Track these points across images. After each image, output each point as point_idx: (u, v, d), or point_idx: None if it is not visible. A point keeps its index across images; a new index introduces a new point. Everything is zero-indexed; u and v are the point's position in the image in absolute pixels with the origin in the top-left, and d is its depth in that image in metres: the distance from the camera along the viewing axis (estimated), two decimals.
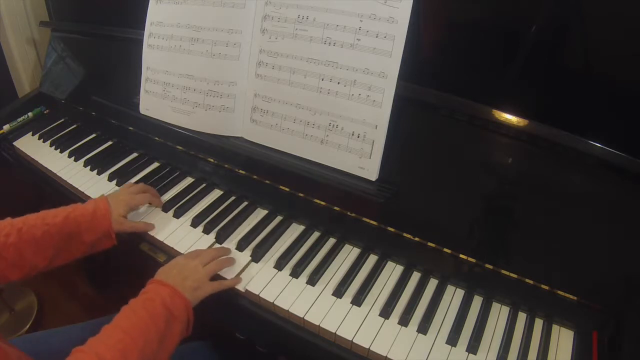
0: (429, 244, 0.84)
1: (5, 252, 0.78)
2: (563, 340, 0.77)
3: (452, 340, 0.75)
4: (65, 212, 0.85)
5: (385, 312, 0.79)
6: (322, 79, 0.87)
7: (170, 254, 0.92)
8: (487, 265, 0.80)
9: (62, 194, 1.12)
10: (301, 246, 0.91)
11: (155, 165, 1.16)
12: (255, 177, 0.99)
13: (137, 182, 1.07)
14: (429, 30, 0.84)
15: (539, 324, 0.79)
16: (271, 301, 0.80)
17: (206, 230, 0.94)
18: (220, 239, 0.93)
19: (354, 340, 0.74)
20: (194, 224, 0.96)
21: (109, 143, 1.25)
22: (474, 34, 0.81)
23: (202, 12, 0.98)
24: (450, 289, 0.85)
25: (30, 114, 1.35)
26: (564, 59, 0.77)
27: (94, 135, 1.28)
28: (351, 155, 0.87)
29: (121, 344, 0.63)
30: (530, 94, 0.80)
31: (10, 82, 1.63)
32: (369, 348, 0.73)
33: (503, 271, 0.79)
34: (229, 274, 0.85)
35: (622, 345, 0.70)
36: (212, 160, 1.05)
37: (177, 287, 0.74)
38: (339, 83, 0.86)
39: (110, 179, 1.11)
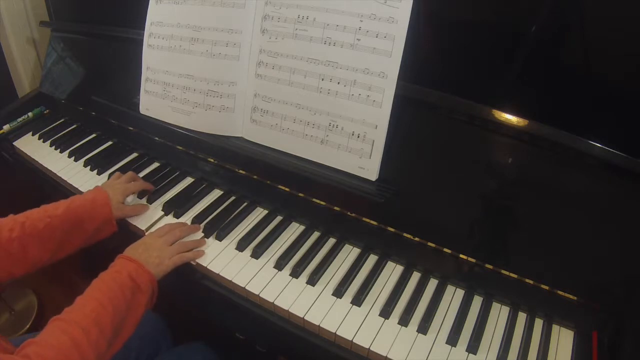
0: (429, 244, 0.84)
1: (9, 247, 0.80)
2: (563, 340, 0.77)
3: (452, 340, 0.75)
4: (65, 203, 0.88)
5: (385, 312, 0.79)
6: (322, 79, 0.87)
7: None
8: (487, 265, 0.80)
9: (62, 193, 1.12)
10: (301, 246, 0.91)
11: (155, 165, 1.16)
12: (255, 177, 0.99)
13: None
14: (429, 30, 0.84)
15: (539, 324, 0.79)
16: (271, 301, 0.80)
17: (206, 231, 0.94)
18: (220, 238, 0.93)
19: (354, 340, 0.74)
20: (194, 224, 0.96)
21: (109, 143, 1.25)
22: (474, 34, 0.81)
23: (202, 12, 0.98)
24: (450, 289, 0.85)
25: (30, 114, 1.35)
26: (564, 59, 0.77)
27: (94, 135, 1.28)
28: (351, 155, 0.87)
29: (94, 313, 0.69)
30: (530, 94, 0.80)
31: (10, 82, 1.63)
32: (369, 348, 0.73)
33: (503, 271, 0.79)
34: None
35: (622, 345, 0.70)
36: (212, 160, 1.05)
37: (142, 262, 0.80)
38: (339, 83, 0.86)
39: None
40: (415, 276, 0.87)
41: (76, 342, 0.65)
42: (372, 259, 0.90)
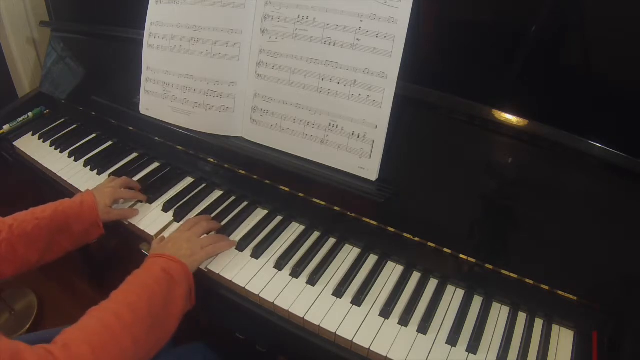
0: (429, 244, 0.84)
1: None
2: (563, 340, 0.77)
3: (452, 340, 0.75)
4: (53, 206, 0.89)
5: (385, 312, 0.79)
6: (322, 79, 0.87)
7: None
8: (487, 265, 0.80)
9: (62, 194, 1.12)
10: (301, 246, 0.91)
11: (155, 165, 1.16)
12: (255, 177, 0.99)
13: (137, 181, 1.07)
14: (429, 30, 0.84)
15: (539, 324, 0.79)
16: (271, 301, 0.80)
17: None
18: None
19: (354, 340, 0.74)
20: None
21: (109, 143, 1.25)
22: (474, 34, 0.81)
23: (202, 12, 0.98)
24: (450, 289, 0.85)
25: (30, 114, 1.35)
26: (564, 59, 0.77)
27: (94, 135, 1.28)
28: (351, 155, 0.87)
29: (128, 300, 0.70)
30: (530, 94, 0.80)
31: (10, 82, 1.63)
32: (369, 348, 0.73)
33: (503, 271, 0.79)
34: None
35: (622, 345, 0.70)
36: (212, 160, 1.05)
37: (173, 255, 0.80)
38: (339, 83, 0.86)
39: None
40: (415, 276, 0.87)
41: (107, 325, 0.65)
42: (372, 259, 0.90)
